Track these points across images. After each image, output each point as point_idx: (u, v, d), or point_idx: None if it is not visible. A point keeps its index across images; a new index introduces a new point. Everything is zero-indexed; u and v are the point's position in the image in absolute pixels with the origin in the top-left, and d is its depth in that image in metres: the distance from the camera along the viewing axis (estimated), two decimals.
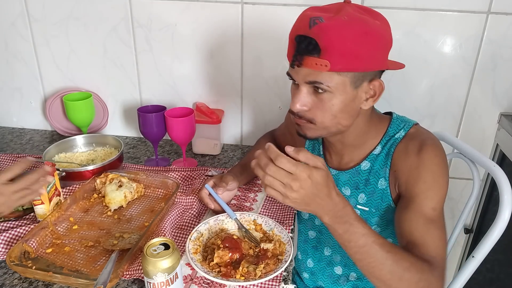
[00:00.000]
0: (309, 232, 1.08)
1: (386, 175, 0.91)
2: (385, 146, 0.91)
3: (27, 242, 0.88)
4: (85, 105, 1.39)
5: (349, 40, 0.75)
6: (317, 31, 0.75)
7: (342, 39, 0.75)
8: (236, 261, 0.87)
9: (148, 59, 1.41)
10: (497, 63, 1.25)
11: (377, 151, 0.92)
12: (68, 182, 1.14)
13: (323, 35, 0.75)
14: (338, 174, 0.97)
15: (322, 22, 0.75)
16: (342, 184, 0.97)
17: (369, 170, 0.93)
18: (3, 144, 1.45)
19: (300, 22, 0.80)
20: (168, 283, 0.74)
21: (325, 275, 1.07)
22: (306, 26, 0.77)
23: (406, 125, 0.91)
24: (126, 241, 0.93)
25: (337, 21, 0.75)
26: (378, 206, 0.93)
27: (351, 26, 0.75)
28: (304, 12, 0.81)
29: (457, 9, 1.20)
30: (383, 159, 0.91)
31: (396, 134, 0.91)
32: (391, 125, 0.92)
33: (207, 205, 1.04)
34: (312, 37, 0.76)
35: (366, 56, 0.77)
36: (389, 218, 0.93)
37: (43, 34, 1.42)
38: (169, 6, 1.31)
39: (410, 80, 1.30)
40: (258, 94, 1.41)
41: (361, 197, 0.95)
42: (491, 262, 1.28)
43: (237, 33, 1.32)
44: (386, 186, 0.91)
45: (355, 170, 0.95)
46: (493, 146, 1.35)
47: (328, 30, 0.75)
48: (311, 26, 0.76)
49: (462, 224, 1.13)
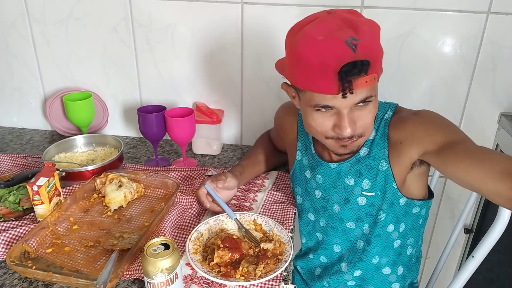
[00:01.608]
0: (316, 233, 1.08)
1: (385, 156, 0.92)
2: (378, 129, 0.94)
3: (27, 242, 0.88)
4: (85, 105, 1.39)
5: (378, 45, 0.81)
6: (362, 50, 0.75)
7: (378, 47, 0.80)
8: (236, 261, 0.87)
9: (148, 59, 1.41)
10: (497, 63, 1.25)
11: (372, 135, 0.94)
12: (68, 182, 1.14)
13: (369, 52, 0.76)
14: (339, 166, 0.98)
15: (357, 40, 0.75)
16: (344, 174, 0.97)
17: (368, 155, 0.94)
18: (3, 144, 1.45)
19: (337, 50, 0.75)
20: (168, 283, 0.74)
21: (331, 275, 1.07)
22: (348, 51, 0.74)
23: (391, 106, 0.96)
24: (126, 241, 0.93)
25: (366, 34, 0.76)
26: (382, 189, 0.94)
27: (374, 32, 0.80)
28: (329, 40, 0.75)
29: (457, 9, 1.20)
30: (379, 141, 0.93)
31: (385, 115, 0.94)
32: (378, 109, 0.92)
33: (203, 204, 1.05)
34: (363, 59, 0.75)
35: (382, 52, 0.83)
36: (392, 200, 0.95)
37: (43, 34, 1.42)
38: (169, 6, 1.32)
39: (410, 80, 1.30)
40: (258, 94, 1.41)
41: (365, 183, 0.95)
42: (491, 262, 1.28)
43: (237, 33, 1.32)
44: (387, 167, 0.93)
45: (355, 158, 0.96)
46: (493, 146, 1.35)
47: (367, 46, 0.76)
48: (354, 49, 0.74)
49: (462, 224, 1.13)
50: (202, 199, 1.05)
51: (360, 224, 0.99)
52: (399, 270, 1.03)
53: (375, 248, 1.00)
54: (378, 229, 0.98)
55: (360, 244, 1.01)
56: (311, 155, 1.03)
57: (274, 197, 1.14)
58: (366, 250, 1.00)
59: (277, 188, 1.18)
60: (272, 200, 1.13)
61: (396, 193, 0.94)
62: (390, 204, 0.95)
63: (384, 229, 0.98)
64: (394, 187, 0.93)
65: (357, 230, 1.00)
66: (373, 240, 0.99)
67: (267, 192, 1.15)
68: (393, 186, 0.93)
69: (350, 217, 1.00)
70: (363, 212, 0.98)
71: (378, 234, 0.98)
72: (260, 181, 1.22)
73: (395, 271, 1.03)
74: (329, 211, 1.02)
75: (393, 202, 0.95)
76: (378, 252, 1.00)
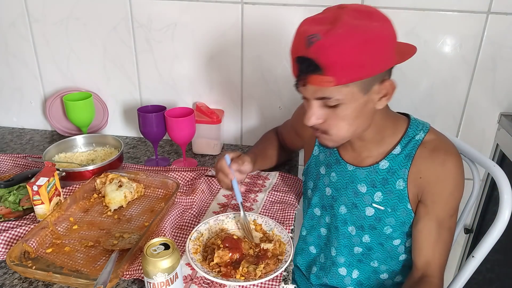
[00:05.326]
0: (321, 229, 1.08)
1: (405, 176, 0.90)
2: (406, 147, 0.91)
3: (27, 242, 0.88)
4: (85, 105, 1.39)
5: (349, 53, 0.74)
6: (315, 50, 0.74)
7: (342, 54, 0.73)
8: (236, 261, 0.87)
9: (148, 59, 1.41)
10: (497, 63, 1.25)
11: (397, 151, 0.92)
12: (68, 182, 1.14)
13: (321, 54, 0.74)
14: (355, 170, 0.97)
15: (319, 39, 0.73)
16: (358, 180, 0.96)
17: (388, 169, 0.92)
18: (3, 144, 1.45)
19: (297, 42, 0.78)
20: (168, 283, 0.74)
21: (331, 273, 1.07)
22: (303, 46, 0.75)
23: (424, 127, 0.92)
24: (126, 241, 0.93)
25: (334, 36, 0.73)
26: (394, 207, 0.93)
27: (349, 38, 0.73)
28: (300, 28, 0.79)
29: (457, 9, 1.20)
30: (402, 159, 0.91)
31: (416, 136, 0.91)
32: (410, 126, 0.92)
33: (227, 175, 0.98)
34: (311, 58, 0.75)
35: (370, 63, 0.76)
36: (403, 220, 0.93)
37: (43, 34, 1.42)
38: (169, 6, 1.31)
39: (410, 80, 1.30)
40: (258, 94, 1.41)
41: (377, 195, 0.94)
42: (491, 262, 1.28)
43: (237, 33, 1.32)
44: (404, 187, 0.91)
45: (372, 169, 0.94)
46: (493, 146, 1.35)
47: (326, 48, 0.73)
48: (308, 45, 0.74)
49: (462, 224, 1.13)
50: (227, 171, 0.98)
51: (361, 233, 0.99)
52: (397, 278, 1.03)
53: (376, 254, 1.00)
54: (382, 239, 0.97)
55: (358, 250, 1.01)
56: (331, 152, 1.02)
57: (275, 198, 1.14)
58: (366, 254, 1.01)
59: (277, 189, 1.18)
60: (272, 200, 1.13)
61: (410, 214, 0.92)
62: (401, 223, 0.94)
63: (389, 241, 0.97)
64: (408, 208, 0.92)
65: (355, 237, 1.00)
66: (374, 248, 0.99)
67: (268, 192, 1.15)
68: (407, 207, 0.92)
69: (354, 222, 0.99)
70: (367, 223, 0.97)
71: (381, 243, 0.98)
72: (261, 181, 1.22)
73: (392, 278, 1.03)
74: (334, 211, 1.02)
75: (405, 221, 0.93)
76: (378, 258, 1.00)
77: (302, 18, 0.82)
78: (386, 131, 0.92)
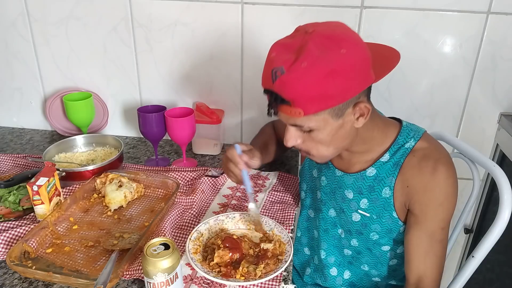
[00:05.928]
0: (314, 231, 1.08)
1: (391, 185, 0.89)
2: (394, 155, 0.89)
3: (27, 242, 0.88)
4: (85, 105, 1.39)
5: (312, 87, 0.73)
6: (279, 85, 0.75)
7: (305, 88, 0.73)
8: (236, 261, 0.87)
9: (148, 59, 1.41)
10: (497, 63, 1.25)
11: (385, 158, 0.90)
12: (68, 182, 1.14)
13: (285, 90, 0.75)
14: (343, 176, 0.97)
15: (283, 74, 0.74)
16: (345, 186, 0.96)
17: (375, 177, 0.92)
18: (3, 144, 1.45)
19: (265, 73, 0.78)
20: (168, 283, 0.74)
21: (324, 275, 1.07)
22: (269, 79, 0.76)
23: (416, 134, 0.89)
24: (126, 241, 0.93)
25: (297, 72, 0.73)
26: (379, 214, 0.92)
27: (312, 72, 0.72)
28: (269, 54, 0.78)
29: (457, 9, 1.20)
30: (390, 167, 0.90)
31: (406, 144, 0.89)
32: (401, 134, 0.90)
33: (237, 164, 0.96)
34: (277, 92, 0.76)
35: (338, 92, 0.75)
36: (389, 227, 0.93)
37: (43, 34, 1.42)
38: (169, 6, 1.31)
39: (410, 80, 1.30)
40: (258, 94, 1.39)
41: (363, 202, 0.94)
42: (491, 262, 1.28)
43: (237, 33, 1.32)
44: (390, 196, 0.90)
45: (360, 175, 0.94)
46: (493, 146, 1.35)
47: (289, 84, 0.74)
48: (273, 80, 0.75)
49: (462, 224, 1.13)
50: (237, 160, 0.96)
51: (349, 237, 0.99)
52: (391, 281, 1.03)
53: (365, 258, 1.00)
54: (369, 244, 0.97)
55: (348, 252, 1.01)
56: None
57: (275, 198, 1.14)
58: (356, 257, 1.01)
59: (277, 189, 1.18)
60: (272, 200, 1.13)
61: (396, 222, 0.91)
62: (387, 230, 0.93)
63: (377, 247, 0.97)
64: (394, 216, 0.91)
65: (345, 240, 1.00)
66: (363, 252, 0.99)
67: (268, 192, 1.15)
68: (393, 215, 0.91)
69: (342, 226, 1.00)
70: (354, 228, 0.97)
71: (369, 248, 0.98)
72: (261, 181, 1.22)
73: (385, 281, 1.03)
74: (324, 214, 1.02)
75: (392, 229, 0.93)
76: (368, 263, 1.00)
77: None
78: (373, 141, 0.90)
